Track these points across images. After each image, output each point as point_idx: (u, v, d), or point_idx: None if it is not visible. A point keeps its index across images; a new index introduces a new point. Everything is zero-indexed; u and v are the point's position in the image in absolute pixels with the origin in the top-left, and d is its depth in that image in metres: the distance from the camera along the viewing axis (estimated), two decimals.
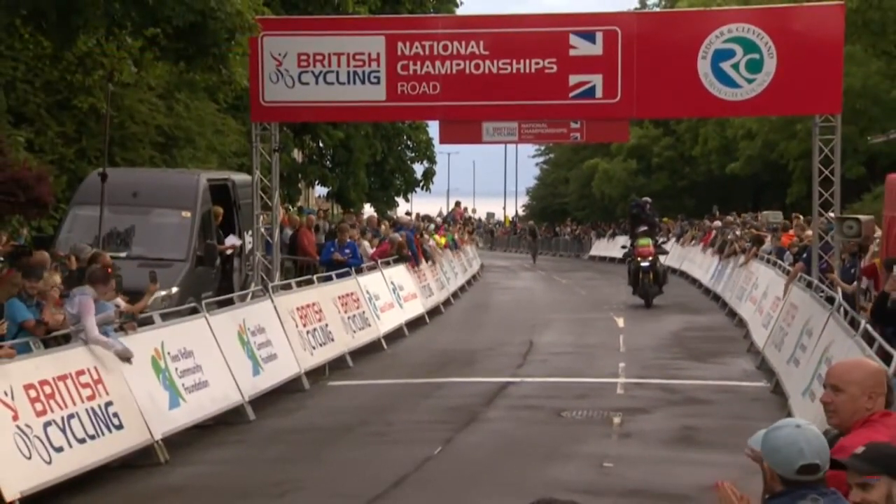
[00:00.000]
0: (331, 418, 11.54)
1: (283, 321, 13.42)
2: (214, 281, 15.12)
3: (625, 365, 14.85)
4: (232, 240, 15.60)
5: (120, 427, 9.25)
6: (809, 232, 16.14)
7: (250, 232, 16.23)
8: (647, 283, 21.97)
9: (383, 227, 22.97)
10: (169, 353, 10.41)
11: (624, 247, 23.10)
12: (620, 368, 14.58)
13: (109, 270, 9.71)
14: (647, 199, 24.49)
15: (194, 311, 11.73)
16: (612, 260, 43.80)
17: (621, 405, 11.97)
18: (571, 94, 14.39)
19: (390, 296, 19.01)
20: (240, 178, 17.01)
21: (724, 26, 14.11)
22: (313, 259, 18.74)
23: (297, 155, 33.13)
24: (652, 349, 16.70)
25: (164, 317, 11.05)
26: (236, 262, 16.16)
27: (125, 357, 9.51)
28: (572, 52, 14.29)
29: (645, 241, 22.12)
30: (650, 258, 21.82)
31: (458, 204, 36.77)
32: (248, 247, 16.26)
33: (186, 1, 11.42)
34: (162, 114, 18.69)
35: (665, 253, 22.76)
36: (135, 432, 9.41)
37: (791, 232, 19.15)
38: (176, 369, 10.44)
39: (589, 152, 54.65)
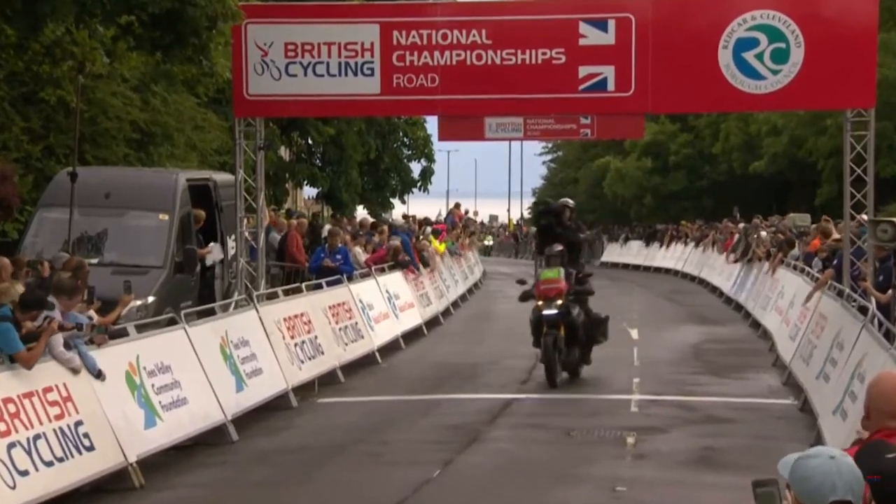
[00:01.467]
0: (321, 438, 11.51)
1: (268, 333, 13.40)
2: (194, 289, 15.10)
3: (639, 380, 14.83)
4: (215, 253, 15.58)
5: (91, 448, 9.22)
6: (836, 235, 16.13)
7: (233, 236, 16.21)
8: (556, 343, 13.87)
9: (377, 235, 22.93)
10: (145, 368, 10.39)
11: (522, 281, 15.06)
12: (634, 384, 14.57)
13: (79, 283, 9.67)
14: (568, 201, 15.88)
15: (172, 321, 11.71)
16: (626, 266, 43.87)
17: (635, 424, 11.95)
18: (581, 87, 14.39)
19: (385, 305, 19.00)
20: (222, 177, 17.00)
21: (747, 13, 14.11)
22: (301, 265, 18.73)
23: (284, 153, 33.11)
24: (668, 363, 16.67)
25: (140, 328, 11.02)
26: (218, 269, 16.14)
27: (94, 374, 9.48)
28: (582, 42, 14.30)
29: (552, 274, 14.24)
30: (559, 301, 13.95)
31: (457, 205, 36.74)
32: (231, 252, 16.25)
33: None
34: (137, 108, 18.68)
35: (589, 293, 14.70)
36: (107, 454, 9.38)
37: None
38: (152, 385, 10.42)
39: (600, 150, 54.68)
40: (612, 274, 40.78)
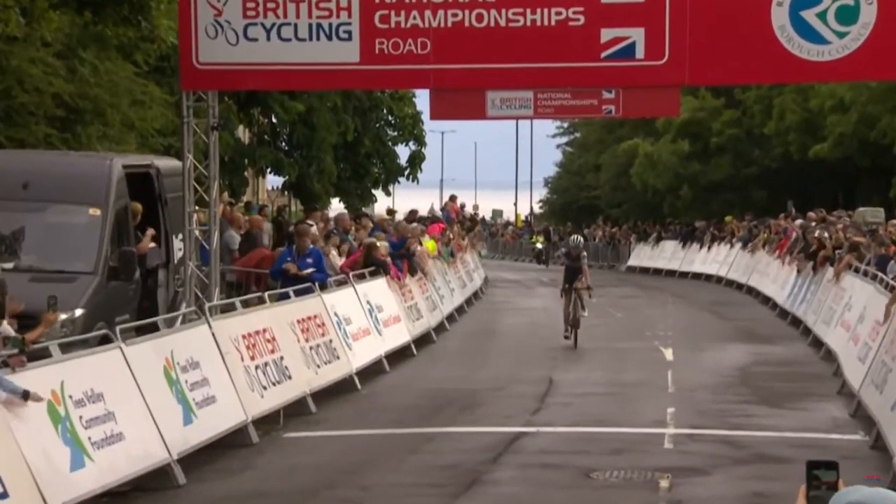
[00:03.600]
0: (287, 481, 11.48)
1: (223, 353, 13.37)
2: (132, 300, 15.07)
3: (674, 410, 14.83)
4: (154, 257, 15.56)
5: (4, 496, 9.18)
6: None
7: (181, 235, 16.19)
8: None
9: (358, 231, 22.91)
10: (71, 397, 10.34)
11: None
12: (669, 415, 14.57)
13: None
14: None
15: (106, 339, 11.68)
16: (658, 272, 43.96)
17: (670, 464, 11.94)
18: (604, 55, 14.38)
19: (366, 319, 18.99)
20: (166, 164, 16.97)
21: None
22: (264, 270, 18.72)
23: (242, 134, 33.10)
24: (710, 390, 16.67)
25: (65, 348, 10.98)
26: (162, 275, 16.12)
27: (19, 395, 9.43)
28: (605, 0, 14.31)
29: None
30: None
31: (453, 198, 36.77)
32: (178, 255, 16.22)
33: None
34: (61, 79, 18.64)
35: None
36: (24, 503, 9.33)
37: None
38: (80, 418, 10.37)
39: (627, 131, 54.76)
40: (641, 281, 40.84)
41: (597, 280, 42.83)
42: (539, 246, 55.53)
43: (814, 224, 27.43)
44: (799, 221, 30.09)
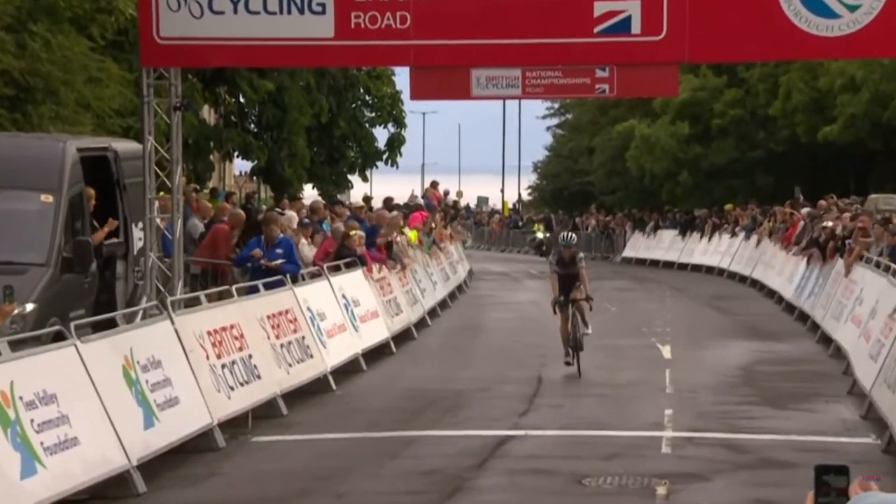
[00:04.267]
0: (255, 489, 11.47)
1: (187, 351, 13.36)
2: (89, 294, 15.03)
3: (673, 412, 14.87)
4: (112, 248, 15.53)
5: None
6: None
7: (141, 224, 16.15)
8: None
9: (335, 221, 22.90)
10: (21, 399, 10.31)
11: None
12: (666, 417, 14.61)
13: None
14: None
15: (59, 336, 11.65)
16: (655, 264, 44.03)
17: (668, 469, 11.97)
18: (597, 30, 14.38)
19: (341, 314, 18.99)
20: (125, 147, 16.93)
21: None
22: (231, 262, 18.70)
23: (207, 114, 33.01)
24: (711, 390, 16.72)
25: (16, 345, 10.94)
26: (120, 267, 16.09)
27: None
28: None
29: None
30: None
31: (434, 185, 36.77)
32: (138, 245, 16.18)
33: None
34: (10, 54, 18.56)
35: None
36: None
37: None
38: (31, 421, 10.34)
39: (622, 112, 54.82)
40: (637, 273, 40.91)
41: (590, 272, 42.94)
42: (540, 236, 54.96)
43: (822, 212, 27.53)
44: (806, 209, 30.19)
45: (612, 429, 13.99)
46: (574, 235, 19.69)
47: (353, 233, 21.17)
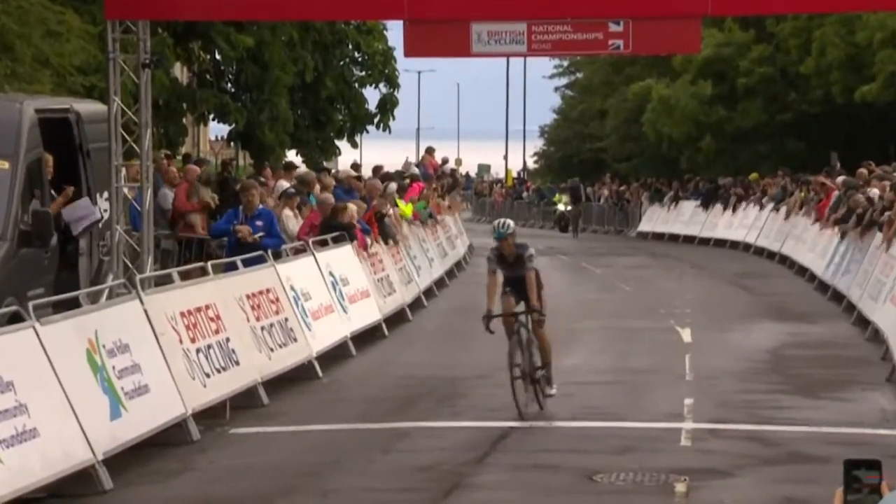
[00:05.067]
0: (234, 486, 11.49)
1: (158, 334, 13.37)
2: (49, 270, 15.01)
3: (693, 401, 14.90)
4: (84, 210, 15.49)
5: None
6: None
7: (106, 194, 16.13)
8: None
9: (322, 192, 22.88)
10: None
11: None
12: (686, 407, 14.63)
13: None
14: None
15: (16, 318, 11.65)
16: (675, 238, 44.03)
17: (687, 464, 11.98)
18: None
19: (328, 294, 19.00)
20: (88, 108, 16.87)
21: None
22: (205, 235, 18.71)
23: (180, 73, 32.92)
24: (735, 377, 16.75)
25: None
26: (84, 242, 16.06)
27: None
28: None
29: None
30: None
31: (430, 151, 36.73)
32: (104, 217, 16.17)
33: None
34: None
35: None
36: None
37: None
38: None
39: (638, 70, 54.73)
40: (654, 248, 40.94)
41: (600, 247, 43.23)
42: (562, 208, 52.57)
43: (860, 181, 27.49)
44: (842, 178, 30.15)
45: (625, 420, 14.02)
46: (510, 223, 14.70)
47: (349, 206, 21.11)
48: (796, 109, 47.61)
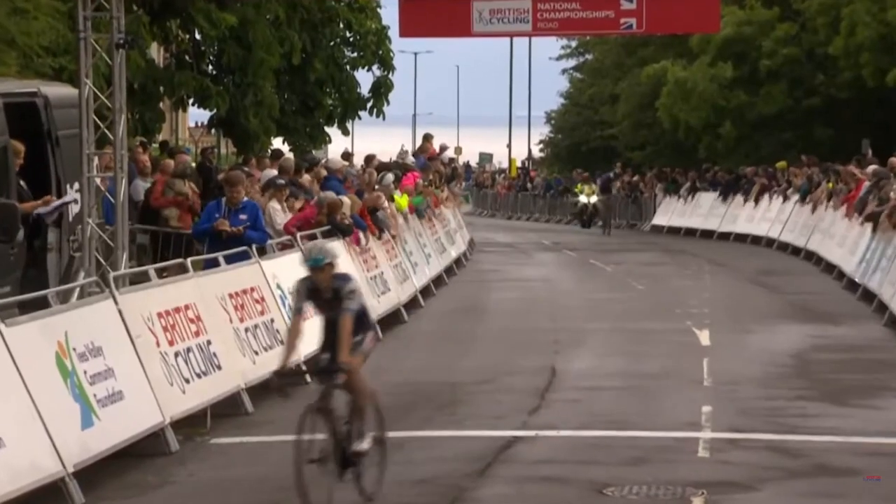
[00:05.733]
0: (215, 500, 11.51)
1: (133, 336, 13.37)
2: (15, 267, 15.02)
3: (711, 409, 14.90)
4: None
5: None
6: None
7: (77, 185, 16.12)
8: None
9: (310, 183, 22.90)
10: None
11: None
12: (704, 415, 14.64)
13: None
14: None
15: None
16: (692, 233, 44.02)
17: (706, 477, 11.98)
18: None
19: None
20: (57, 92, 16.88)
21: None
22: (185, 229, 18.71)
23: (156, 54, 32.90)
24: (757, 382, 16.75)
25: None
26: (52, 236, 16.08)
27: None
28: None
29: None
30: None
31: (428, 138, 36.72)
32: (75, 209, 16.17)
33: None
34: None
35: None
36: None
37: None
38: None
39: (652, 52, 54.72)
40: (670, 244, 40.94)
41: (611, 242, 43.21)
42: (584, 200, 50.39)
43: (892, 173, 27.47)
44: (873, 167, 30.11)
45: (638, 429, 14.02)
46: (329, 248, 11.90)
47: (344, 200, 21.12)
48: (824, 94, 47.58)
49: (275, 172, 22.40)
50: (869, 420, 14.54)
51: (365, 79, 36.61)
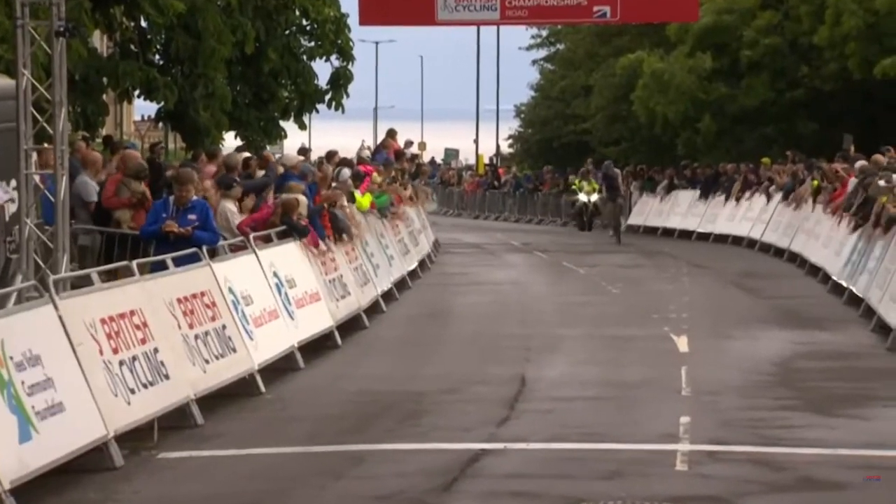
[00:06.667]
0: None
1: (75, 344, 13.31)
2: None
3: (690, 420, 14.93)
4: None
5: None
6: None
7: (14, 182, 16.04)
8: None
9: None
10: None
11: None
12: (682, 426, 14.66)
13: None
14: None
15: None
16: (669, 233, 44.14)
17: (684, 491, 12.01)
18: None
19: (272, 298, 18.98)
20: None
21: None
22: (132, 230, 18.63)
23: (100, 43, 32.79)
24: (738, 392, 16.79)
25: None
26: None
27: None
28: None
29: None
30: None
31: (392, 134, 36.72)
32: (12, 209, 16.10)
33: None
34: None
35: None
36: None
37: None
38: None
39: (627, 41, 54.90)
40: (646, 245, 41.05)
41: (584, 244, 43.25)
42: (583, 198, 47.70)
43: (879, 168, 27.59)
44: (859, 163, 30.23)
45: (613, 441, 14.02)
46: None
47: (299, 198, 21.06)
48: (808, 86, 47.77)
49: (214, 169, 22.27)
50: (856, 431, 14.57)
51: (323, 70, 36.56)
